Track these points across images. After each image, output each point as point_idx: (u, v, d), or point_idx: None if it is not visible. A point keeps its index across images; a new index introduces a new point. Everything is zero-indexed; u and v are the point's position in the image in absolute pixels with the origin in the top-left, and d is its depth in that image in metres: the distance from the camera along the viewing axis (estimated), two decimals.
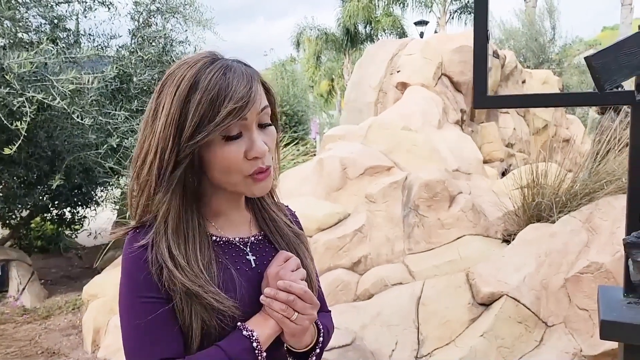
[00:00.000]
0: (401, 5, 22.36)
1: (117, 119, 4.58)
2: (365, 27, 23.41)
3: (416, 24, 20.68)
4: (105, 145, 4.50)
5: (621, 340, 1.36)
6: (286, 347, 1.00)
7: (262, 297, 0.92)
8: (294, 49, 25.47)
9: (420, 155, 4.63)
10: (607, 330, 1.35)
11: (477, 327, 2.83)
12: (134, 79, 4.91)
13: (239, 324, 0.90)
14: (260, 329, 0.90)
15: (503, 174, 6.17)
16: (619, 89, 1.93)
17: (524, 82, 8.09)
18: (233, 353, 0.87)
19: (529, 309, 2.79)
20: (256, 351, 0.89)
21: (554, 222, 3.26)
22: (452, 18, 21.57)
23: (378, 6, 22.69)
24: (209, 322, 0.88)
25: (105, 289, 4.27)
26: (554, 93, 5.33)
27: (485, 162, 6.28)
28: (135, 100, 4.88)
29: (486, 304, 2.95)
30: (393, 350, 2.89)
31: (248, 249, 0.99)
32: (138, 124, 4.80)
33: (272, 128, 0.96)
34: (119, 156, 4.75)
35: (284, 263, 0.96)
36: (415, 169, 4.15)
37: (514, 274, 2.94)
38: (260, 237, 1.03)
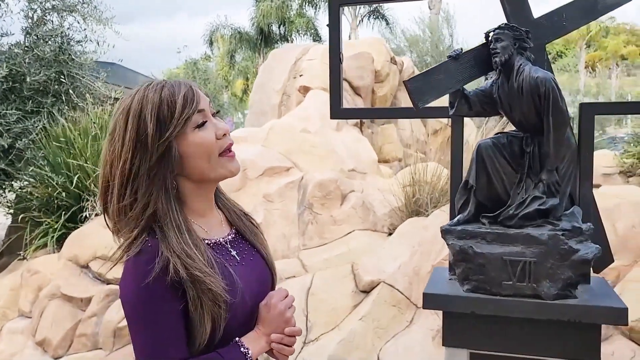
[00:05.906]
0: (314, 7, 22.79)
1: (9, 120, 4.44)
2: (279, 27, 23.61)
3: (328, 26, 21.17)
4: None
5: (438, 308, 1.69)
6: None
7: (273, 344, 1.10)
8: (208, 47, 25.14)
9: (319, 156, 4.92)
10: (428, 301, 1.66)
11: (358, 312, 3.15)
12: (28, 79, 4.76)
13: (237, 339, 1.07)
14: (254, 348, 1.08)
15: None
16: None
17: None
18: None
19: (402, 293, 3.15)
20: None
21: (428, 216, 3.67)
22: (362, 21, 22.36)
23: (291, 7, 22.96)
24: (217, 309, 1.00)
25: None
26: (391, 108, 6.47)
27: (385, 161, 6.72)
28: (30, 101, 4.75)
29: (367, 291, 3.27)
30: None
31: (229, 246, 1.14)
32: (33, 125, 4.68)
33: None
34: (11, 158, 4.61)
35: (285, 299, 1.14)
36: (313, 170, 4.43)
37: (391, 263, 3.29)
38: (233, 235, 1.18)
